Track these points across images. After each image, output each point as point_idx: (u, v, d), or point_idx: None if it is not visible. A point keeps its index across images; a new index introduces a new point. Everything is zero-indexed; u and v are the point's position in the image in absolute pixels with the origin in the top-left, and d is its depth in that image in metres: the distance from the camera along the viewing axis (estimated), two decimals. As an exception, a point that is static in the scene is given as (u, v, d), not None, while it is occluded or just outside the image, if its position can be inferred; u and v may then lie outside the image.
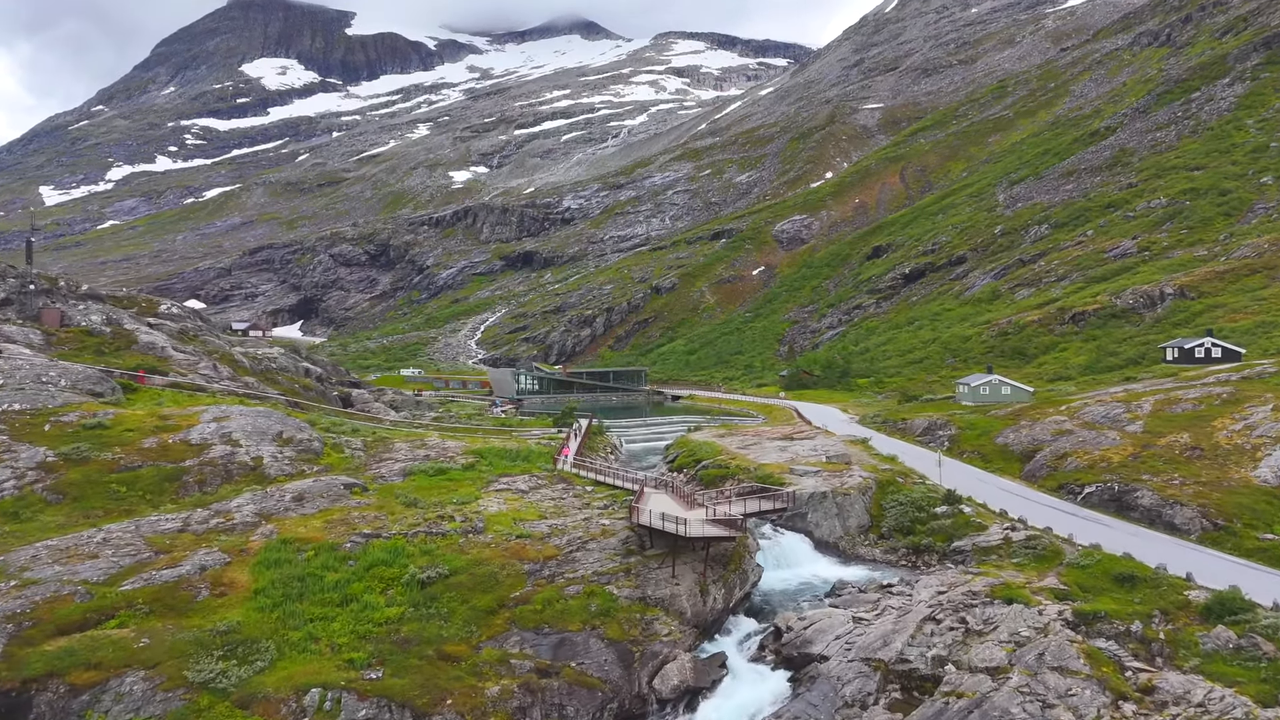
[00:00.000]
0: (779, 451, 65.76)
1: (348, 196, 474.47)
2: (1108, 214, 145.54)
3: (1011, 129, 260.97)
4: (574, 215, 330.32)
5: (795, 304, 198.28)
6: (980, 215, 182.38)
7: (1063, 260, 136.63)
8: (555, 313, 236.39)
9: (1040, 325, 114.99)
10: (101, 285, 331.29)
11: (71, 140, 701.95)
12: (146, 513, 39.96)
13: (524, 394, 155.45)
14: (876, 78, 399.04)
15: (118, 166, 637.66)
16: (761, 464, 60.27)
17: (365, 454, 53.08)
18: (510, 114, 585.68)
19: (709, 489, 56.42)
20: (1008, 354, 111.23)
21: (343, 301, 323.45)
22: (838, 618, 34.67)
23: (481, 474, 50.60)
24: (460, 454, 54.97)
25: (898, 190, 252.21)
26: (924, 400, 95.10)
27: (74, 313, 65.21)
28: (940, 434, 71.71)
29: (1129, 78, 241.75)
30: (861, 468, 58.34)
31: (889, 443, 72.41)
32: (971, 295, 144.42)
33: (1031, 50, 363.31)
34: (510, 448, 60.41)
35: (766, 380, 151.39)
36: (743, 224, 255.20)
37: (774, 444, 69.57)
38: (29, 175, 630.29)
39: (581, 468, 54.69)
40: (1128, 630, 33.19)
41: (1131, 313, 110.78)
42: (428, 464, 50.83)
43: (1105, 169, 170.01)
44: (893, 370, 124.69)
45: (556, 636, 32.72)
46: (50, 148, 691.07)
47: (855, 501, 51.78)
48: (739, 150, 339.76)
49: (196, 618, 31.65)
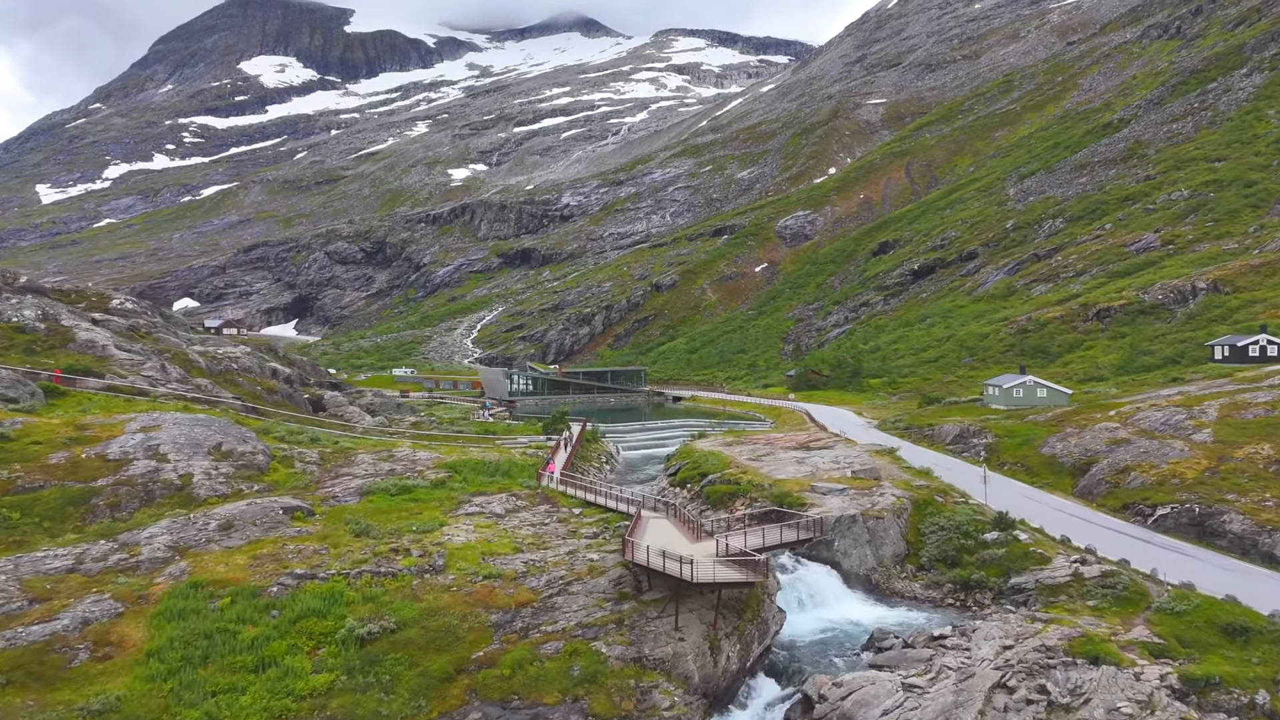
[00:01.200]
0: (796, 464, 58.11)
1: (346, 194, 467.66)
2: (1126, 207, 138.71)
3: (1019, 123, 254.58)
4: (573, 212, 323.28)
5: (800, 301, 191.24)
6: (990, 210, 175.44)
7: (1081, 255, 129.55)
8: (553, 311, 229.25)
9: (1062, 322, 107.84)
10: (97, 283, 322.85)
11: (69, 138, 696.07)
12: (39, 545, 32.95)
13: (517, 395, 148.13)
14: (879, 73, 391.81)
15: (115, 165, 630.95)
16: (777, 479, 52.72)
17: (320, 469, 45.97)
18: (510, 111, 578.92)
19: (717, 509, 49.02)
20: (1029, 353, 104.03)
21: (338, 300, 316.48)
22: (883, 685, 27.58)
23: (453, 493, 43.51)
24: (431, 468, 47.89)
25: (903, 185, 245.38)
26: (947, 403, 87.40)
27: (5, 307, 58.35)
28: (975, 443, 64.23)
29: (1139, 71, 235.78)
30: (893, 484, 50.61)
31: (918, 452, 65.02)
32: (985, 291, 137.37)
33: (1037, 45, 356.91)
34: (490, 459, 53.30)
35: (772, 380, 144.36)
36: (745, 220, 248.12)
37: (789, 455, 62.13)
38: (26, 173, 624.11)
39: (570, 484, 47.51)
40: (1252, 702, 26.23)
41: (1161, 309, 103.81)
42: (391, 481, 43.76)
43: (1120, 161, 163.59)
44: (906, 370, 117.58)
45: (529, 712, 25.74)
46: (47, 146, 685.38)
47: (889, 526, 44.16)
48: (740, 146, 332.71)
49: (66, 690, 24.69)
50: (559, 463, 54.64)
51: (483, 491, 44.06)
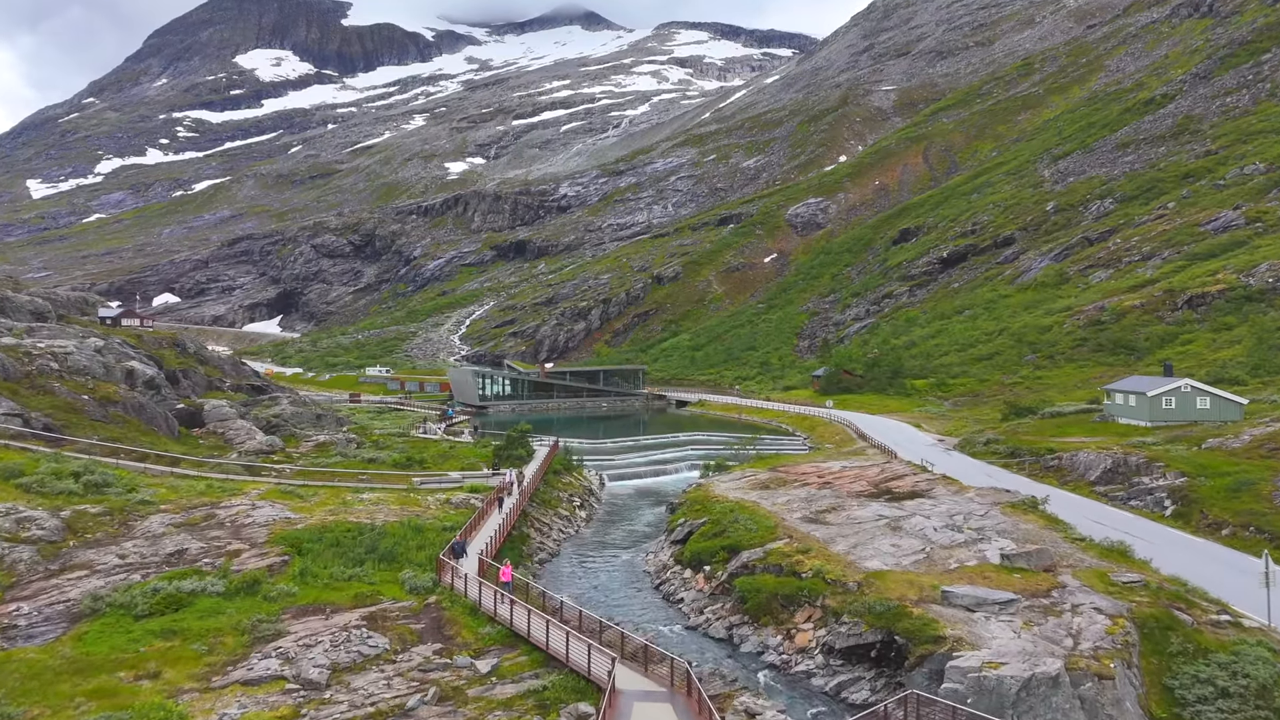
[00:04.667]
0: (890, 531, 37.29)
1: (340, 188, 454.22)
2: (1188, 184, 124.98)
3: (1042, 106, 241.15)
4: (571, 203, 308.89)
5: (814, 293, 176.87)
6: (1025, 192, 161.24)
7: (1145, 236, 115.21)
8: (546, 305, 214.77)
9: (1145, 311, 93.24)
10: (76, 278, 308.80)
11: (61, 133, 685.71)
12: None
13: (490, 400, 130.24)
14: (888, 62, 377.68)
15: (107, 159, 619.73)
16: (868, 571, 32.90)
17: (40, 555, 29.41)
18: (509, 104, 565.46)
19: (760, 623, 30.91)
20: (1108, 347, 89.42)
21: (324, 295, 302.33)
22: None
23: (261, 610, 26.85)
24: (262, 544, 31.72)
25: (921, 171, 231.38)
26: (1048, 415, 66.75)
27: None
28: (1146, 484, 44.90)
29: (1170, 50, 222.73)
30: (1081, 581, 30.92)
31: (1064, 502, 43.55)
32: (1030, 280, 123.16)
33: (1053, 30, 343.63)
34: (378, 522, 36.41)
35: (792, 381, 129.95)
36: (752, 208, 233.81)
37: (870, 509, 41.13)
38: (16, 168, 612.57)
39: (493, 586, 29.33)
40: None
41: (1272, 293, 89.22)
42: (163, 580, 27.20)
43: (1170, 138, 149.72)
44: (956, 369, 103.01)
45: None
46: (39, 140, 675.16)
47: (1119, 690, 24.04)
48: (745, 135, 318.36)
49: None
50: (490, 532, 36.56)
51: (322, 606, 27.15)
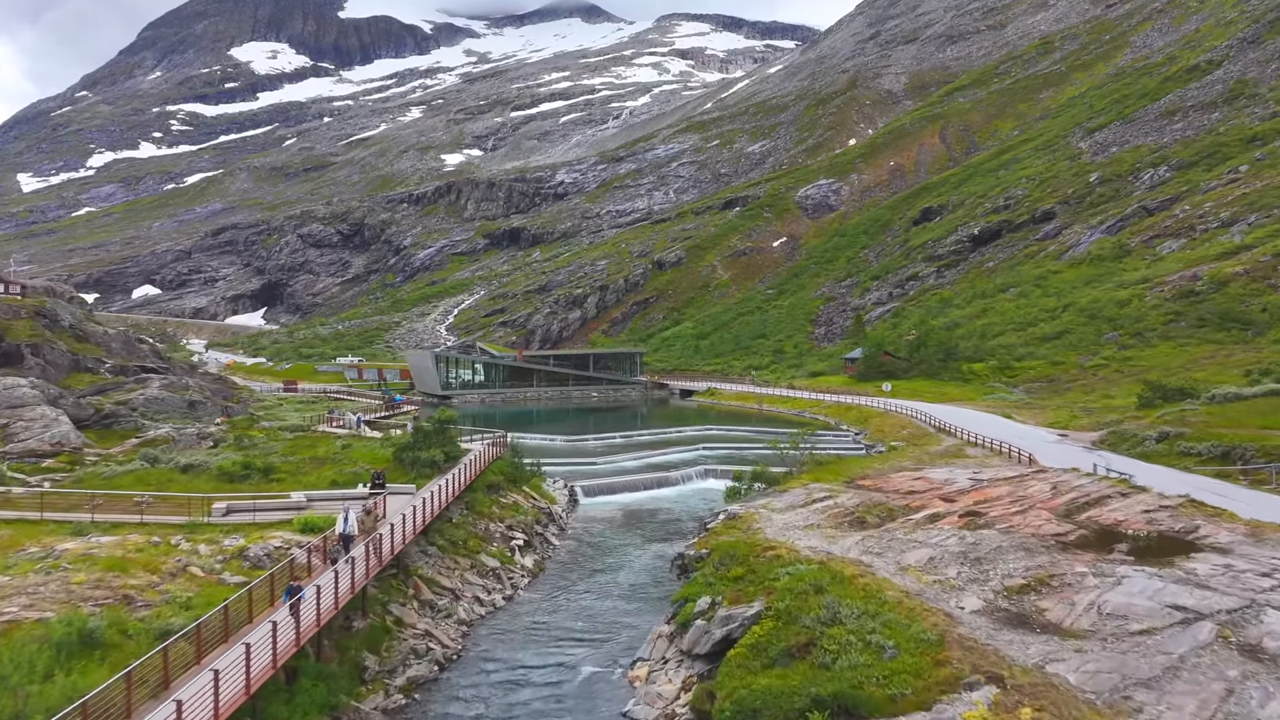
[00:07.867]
0: (1232, 656, 18.24)
1: (334, 181, 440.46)
2: (1257, 147, 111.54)
3: (1065, 84, 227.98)
4: (568, 190, 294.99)
5: (828, 278, 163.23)
6: (1060, 165, 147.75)
7: (1219, 202, 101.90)
8: (540, 292, 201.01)
9: (1252, 279, 79.67)
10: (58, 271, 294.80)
11: (53, 127, 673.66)
12: None
13: (456, 389, 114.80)
14: (896, 49, 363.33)
15: (99, 153, 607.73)
16: None
17: None
18: (507, 96, 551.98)
19: None
20: (1212, 322, 75.98)
21: (310, 286, 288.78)
22: None
23: None
24: None
25: (938, 151, 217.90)
26: (1216, 399, 50.70)
27: None
28: None
29: (1201, 24, 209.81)
30: None
31: None
32: (1082, 253, 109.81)
33: (1069, 11, 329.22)
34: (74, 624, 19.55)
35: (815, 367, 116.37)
36: (760, 191, 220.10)
37: (1127, 586, 22.56)
38: (7, 163, 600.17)
39: None
40: None
41: None
42: None
43: (1223, 103, 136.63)
44: (1020, 350, 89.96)
45: None
46: (31, 134, 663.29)
47: None
48: (750, 120, 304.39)
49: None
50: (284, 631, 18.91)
51: None
